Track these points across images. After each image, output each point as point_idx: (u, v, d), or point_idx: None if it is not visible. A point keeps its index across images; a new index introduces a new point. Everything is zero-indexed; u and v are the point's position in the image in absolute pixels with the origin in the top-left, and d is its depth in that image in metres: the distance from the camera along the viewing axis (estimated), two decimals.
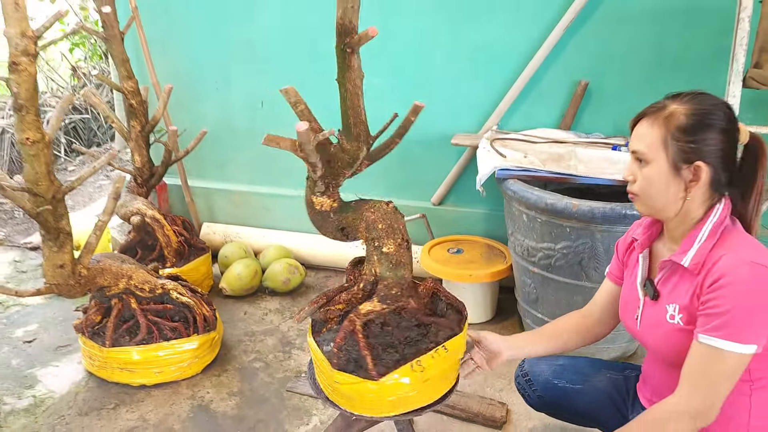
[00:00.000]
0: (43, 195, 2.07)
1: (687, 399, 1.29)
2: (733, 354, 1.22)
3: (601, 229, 2.23)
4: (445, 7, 2.94)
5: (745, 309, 1.21)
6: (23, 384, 2.45)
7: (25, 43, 1.94)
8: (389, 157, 3.27)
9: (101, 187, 5.02)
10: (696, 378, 1.28)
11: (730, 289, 1.22)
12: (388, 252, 1.60)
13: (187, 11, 3.36)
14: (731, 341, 1.22)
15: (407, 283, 1.63)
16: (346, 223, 1.68)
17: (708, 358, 1.25)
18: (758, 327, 1.22)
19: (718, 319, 1.23)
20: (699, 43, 2.65)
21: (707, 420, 1.28)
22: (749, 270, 1.22)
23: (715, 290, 1.25)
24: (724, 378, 1.25)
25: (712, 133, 1.28)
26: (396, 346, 1.59)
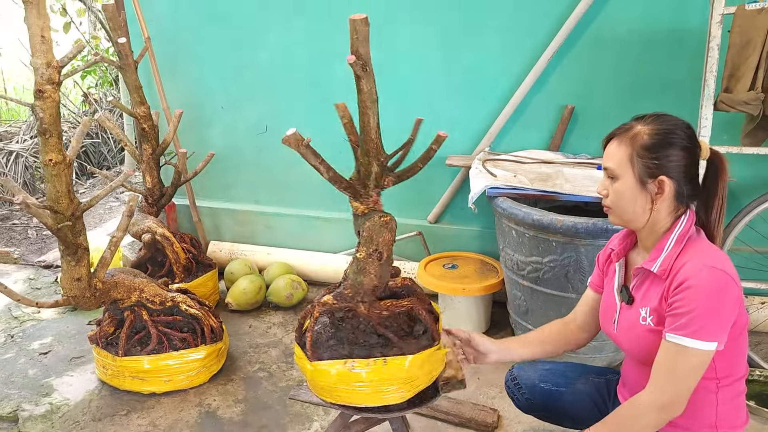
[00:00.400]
0: (63, 212, 2.23)
1: (657, 393, 1.40)
2: (697, 350, 1.34)
3: (584, 243, 2.37)
4: (440, 36, 3.12)
5: (706, 309, 1.34)
6: (40, 392, 2.59)
7: (50, 72, 2.12)
8: None
9: (111, 208, 5.19)
10: (664, 373, 1.39)
11: (692, 291, 1.35)
12: (358, 257, 1.71)
13: (195, 40, 3.56)
14: (695, 339, 1.34)
15: (363, 290, 1.71)
16: (358, 227, 1.78)
17: (675, 354, 1.37)
18: (718, 325, 1.34)
19: (683, 319, 1.35)
20: (677, 68, 2.82)
21: (675, 412, 1.39)
22: (708, 274, 1.35)
23: (679, 293, 1.37)
24: (689, 373, 1.37)
25: (674, 150, 1.43)
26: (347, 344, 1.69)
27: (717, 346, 1.35)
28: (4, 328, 3.16)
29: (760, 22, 2.23)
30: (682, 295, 1.36)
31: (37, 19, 2.05)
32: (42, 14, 2.06)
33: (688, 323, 1.35)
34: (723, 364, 1.45)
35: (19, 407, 2.48)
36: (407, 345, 1.69)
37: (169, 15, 3.53)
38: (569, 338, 1.82)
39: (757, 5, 2.25)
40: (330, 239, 3.64)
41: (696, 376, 1.38)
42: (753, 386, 2.51)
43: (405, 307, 1.76)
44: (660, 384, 1.40)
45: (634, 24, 2.83)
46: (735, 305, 1.37)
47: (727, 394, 1.48)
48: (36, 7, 2.04)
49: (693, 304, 1.34)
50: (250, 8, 3.39)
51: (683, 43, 2.78)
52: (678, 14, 2.76)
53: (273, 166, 3.69)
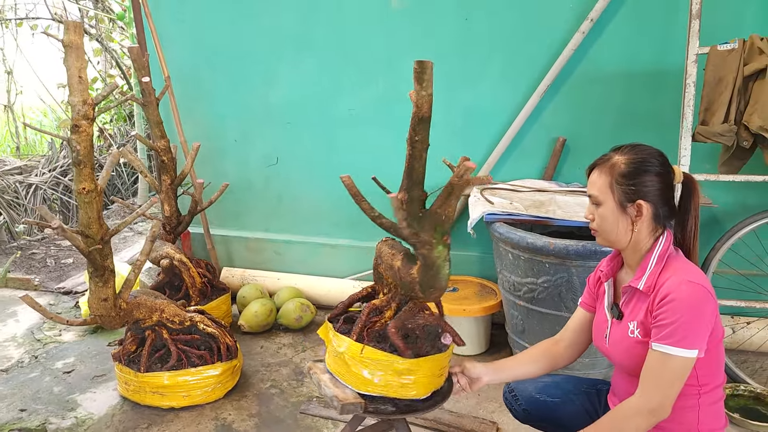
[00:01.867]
0: (93, 237, 2.42)
1: (645, 397, 1.54)
2: (680, 358, 1.49)
3: (576, 264, 2.55)
4: (441, 73, 3.33)
5: (687, 320, 1.48)
6: (65, 407, 2.75)
7: (85, 109, 2.33)
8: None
9: (125, 238, 5.38)
10: (651, 379, 1.53)
11: (675, 304, 1.50)
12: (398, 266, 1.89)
13: (211, 79, 3.80)
14: (677, 347, 1.48)
15: None
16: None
17: (660, 362, 1.52)
18: (698, 334, 1.49)
19: (667, 329, 1.50)
20: (658, 102, 3.03)
21: (662, 415, 1.53)
22: (688, 288, 1.50)
23: (662, 306, 1.52)
24: (674, 378, 1.51)
25: (649, 176, 1.60)
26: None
27: (698, 353, 1.49)
28: (28, 349, 3.33)
29: (731, 61, 2.45)
30: (666, 308, 1.51)
31: (75, 61, 2.26)
32: (80, 57, 2.27)
33: (671, 333, 1.49)
34: (703, 372, 1.59)
35: (46, 421, 2.64)
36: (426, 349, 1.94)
37: (187, 56, 3.80)
38: (558, 356, 1.95)
39: (728, 46, 2.47)
40: (336, 265, 3.83)
41: (680, 381, 1.51)
42: (738, 400, 2.66)
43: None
44: (648, 389, 1.53)
45: (619, 63, 3.06)
46: (712, 316, 1.52)
47: (708, 400, 1.62)
48: (75, 51, 2.25)
49: (675, 315, 1.49)
50: (262, 48, 3.64)
51: (663, 80, 3.00)
52: (658, 54, 2.99)
53: (282, 195, 3.90)
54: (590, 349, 2.67)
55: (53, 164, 5.95)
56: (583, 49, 3.08)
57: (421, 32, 3.33)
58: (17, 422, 2.63)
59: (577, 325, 1.94)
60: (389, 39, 3.39)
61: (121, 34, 7.04)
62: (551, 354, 1.95)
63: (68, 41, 2.21)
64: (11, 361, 3.19)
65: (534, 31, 3.15)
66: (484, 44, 3.24)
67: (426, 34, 3.32)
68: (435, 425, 2.55)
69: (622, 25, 3.01)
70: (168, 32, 3.76)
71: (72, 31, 2.17)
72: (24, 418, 2.67)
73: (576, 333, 1.94)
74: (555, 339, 1.99)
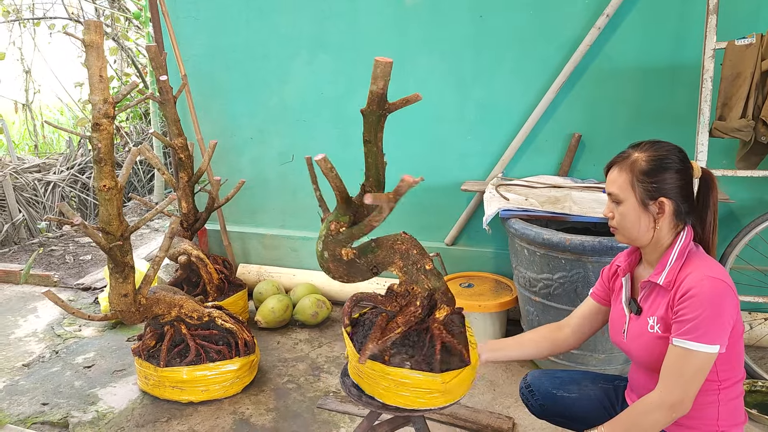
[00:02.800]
0: (113, 233, 2.46)
1: (665, 393, 1.54)
2: (701, 353, 1.49)
3: (591, 260, 2.55)
4: (455, 70, 3.36)
5: (708, 315, 1.49)
6: (87, 401, 2.79)
7: (106, 107, 2.36)
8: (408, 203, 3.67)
9: (142, 235, 5.45)
10: (672, 375, 1.53)
11: (696, 299, 1.50)
12: (430, 269, 1.88)
13: (227, 77, 3.84)
14: (699, 342, 1.49)
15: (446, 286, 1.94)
16: (377, 261, 1.88)
17: (681, 357, 1.52)
18: (719, 330, 1.49)
19: (688, 325, 1.50)
20: (677, 97, 3.02)
21: (682, 410, 1.53)
22: (710, 283, 1.50)
23: (684, 301, 1.53)
24: (695, 373, 1.51)
25: (669, 173, 1.60)
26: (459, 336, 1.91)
27: (719, 349, 1.49)
28: (48, 345, 3.38)
29: (749, 55, 2.44)
30: (687, 303, 1.51)
31: (96, 60, 2.30)
32: (100, 57, 2.31)
33: (692, 328, 1.49)
34: (723, 368, 1.59)
35: (68, 414, 2.69)
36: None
37: (203, 54, 3.83)
38: (560, 341, 1.96)
39: (745, 41, 2.45)
40: None
41: (701, 376, 1.51)
42: (756, 396, 2.65)
43: None
44: (668, 385, 1.54)
45: (635, 58, 3.05)
46: (733, 311, 1.52)
47: (728, 396, 1.62)
48: (96, 50, 2.29)
49: (697, 311, 1.49)
50: (278, 47, 3.67)
51: (680, 75, 2.99)
52: (674, 49, 2.97)
53: (298, 192, 3.93)
54: (606, 345, 2.70)
55: (71, 162, 6.03)
56: (599, 45, 3.07)
57: (435, 30, 3.33)
58: (40, 416, 2.68)
59: (585, 314, 1.95)
60: (403, 37, 3.41)
61: (136, 32, 7.10)
62: (553, 338, 1.97)
63: (89, 41, 2.24)
64: (33, 356, 3.25)
65: (549, 27, 3.14)
66: (499, 41, 3.24)
67: (440, 32, 3.33)
68: (452, 420, 2.56)
69: (638, 21, 3.00)
70: (184, 31, 3.81)
71: (93, 30, 2.20)
72: (46, 411, 2.72)
73: (582, 321, 1.95)
74: (559, 324, 2.00)
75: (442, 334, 1.84)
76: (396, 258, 1.88)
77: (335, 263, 1.85)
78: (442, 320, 1.87)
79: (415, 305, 1.87)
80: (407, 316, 1.87)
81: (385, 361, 1.82)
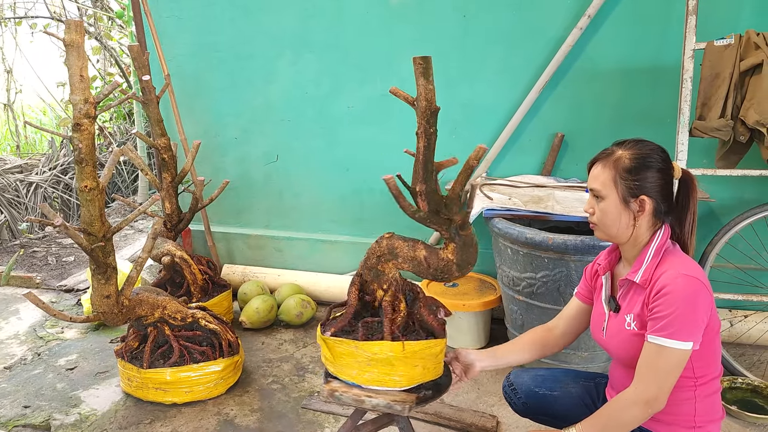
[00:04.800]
0: (95, 234, 2.43)
1: (641, 389, 1.55)
2: (675, 350, 1.51)
3: (574, 259, 2.57)
4: (440, 69, 3.35)
5: (682, 313, 1.51)
6: (69, 404, 2.77)
7: (87, 107, 2.34)
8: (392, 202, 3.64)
9: (126, 236, 5.40)
10: (647, 371, 1.55)
11: (670, 297, 1.52)
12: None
13: (212, 76, 3.82)
14: (673, 339, 1.50)
15: None
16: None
17: (656, 354, 1.54)
18: (693, 327, 1.51)
19: (662, 322, 1.52)
20: (659, 97, 3.05)
21: (658, 406, 1.55)
22: (683, 281, 1.53)
23: (658, 298, 1.55)
24: (669, 370, 1.53)
25: (651, 172, 1.62)
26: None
27: (693, 346, 1.51)
28: (30, 347, 3.35)
29: (727, 56, 2.47)
30: (661, 301, 1.53)
31: (76, 60, 2.27)
32: (81, 56, 2.28)
33: (666, 325, 1.51)
34: (699, 364, 1.61)
35: (50, 417, 2.66)
36: None
37: (186, 54, 3.81)
38: (551, 343, 1.98)
39: (724, 41, 2.49)
40: (336, 261, 3.86)
41: (676, 372, 1.54)
42: (736, 392, 2.68)
43: None
44: (644, 381, 1.55)
45: (616, 59, 3.08)
46: (707, 309, 1.54)
47: (704, 392, 1.65)
48: (76, 50, 2.26)
49: (671, 308, 1.51)
50: (262, 46, 3.66)
51: (661, 76, 3.02)
52: (655, 50, 3.01)
53: (282, 192, 3.92)
54: (589, 343, 2.72)
55: (53, 162, 5.97)
56: (581, 46, 3.10)
57: (420, 29, 3.34)
58: (21, 419, 2.66)
59: (571, 314, 1.97)
60: (388, 36, 3.41)
61: (119, 32, 7.05)
62: (543, 341, 1.99)
63: (69, 40, 2.22)
64: (14, 359, 3.21)
65: (532, 27, 3.16)
66: (483, 41, 3.26)
67: (424, 31, 3.34)
68: (436, 419, 2.57)
69: (620, 22, 3.03)
70: (167, 30, 3.78)
71: (73, 30, 2.18)
72: (28, 414, 2.69)
73: (569, 322, 1.97)
74: (548, 326, 2.02)
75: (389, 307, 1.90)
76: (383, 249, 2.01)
77: None
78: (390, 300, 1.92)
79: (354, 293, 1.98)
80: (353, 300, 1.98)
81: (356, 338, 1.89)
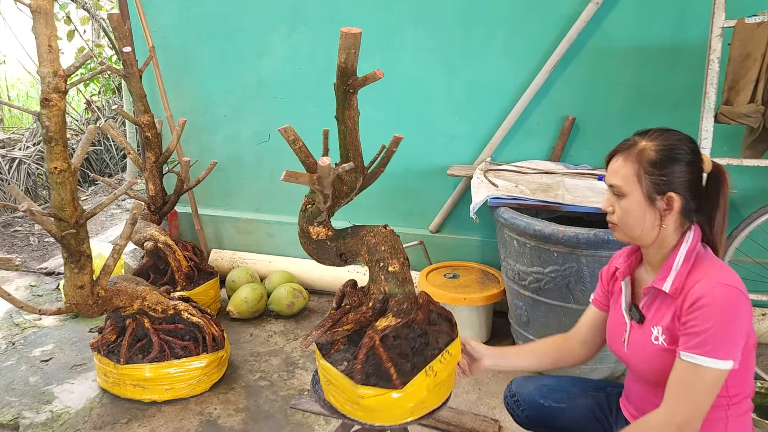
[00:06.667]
0: (67, 220, 2.24)
1: (672, 411, 1.38)
2: (713, 369, 1.32)
3: (586, 254, 2.38)
4: (442, 47, 3.15)
5: (721, 328, 1.32)
6: (41, 400, 2.59)
7: (56, 81, 2.13)
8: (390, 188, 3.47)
9: (113, 215, 5.20)
10: (680, 392, 1.37)
11: (707, 309, 1.33)
12: (393, 271, 1.69)
13: (199, 50, 3.58)
14: (710, 357, 1.32)
15: (414, 297, 1.74)
16: (345, 248, 1.76)
17: (690, 373, 1.35)
18: (732, 343, 1.33)
19: (698, 338, 1.34)
20: (676, 79, 2.83)
21: (690, 430, 1.37)
22: (722, 291, 1.33)
23: (693, 311, 1.36)
24: (705, 391, 1.35)
25: (680, 165, 1.42)
26: (407, 356, 1.70)
27: (733, 365, 1.33)
28: (5, 335, 3.16)
29: (760, 35, 2.25)
30: (697, 314, 1.35)
31: (44, 28, 2.06)
32: (50, 24, 2.07)
33: (703, 342, 1.33)
34: (733, 382, 1.43)
35: (19, 415, 2.48)
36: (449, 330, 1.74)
37: (173, 25, 3.57)
38: (568, 354, 1.81)
39: (756, 19, 2.27)
40: None
41: (712, 394, 1.36)
42: (754, 398, 2.50)
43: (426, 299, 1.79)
44: (676, 403, 1.38)
45: (634, 36, 2.85)
46: (748, 322, 1.36)
47: (737, 411, 1.47)
48: (44, 17, 2.05)
49: (708, 322, 1.33)
50: (254, 19, 3.42)
51: (682, 55, 2.80)
52: (676, 28, 2.78)
53: (275, 174, 3.71)
54: None
55: (38, 137, 5.73)
56: (596, 22, 2.87)
57: (421, 3, 3.10)
58: None
59: (590, 323, 1.79)
60: (386, 11, 3.17)
61: (110, 1, 6.75)
62: (560, 350, 1.82)
63: (36, 6, 2.02)
64: None
65: (543, 2, 2.92)
66: (488, 15, 3.02)
67: (426, 6, 3.10)
68: (433, 423, 2.40)
69: None
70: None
71: None
72: None
73: (589, 331, 1.79)
74: (566, 335, 1.84)
75: (375, 345, 1.65)
76: (363, 250, 1.73)
77: (304, 240, 1.78)
78: (382, 329, 1.67)
79: (367, 305, 1.73)
80: (358, 314, 1.74)
81: (327, 354, 1.72)
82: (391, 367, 1.62)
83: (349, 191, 1.71)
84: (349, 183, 1.69)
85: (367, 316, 1.74)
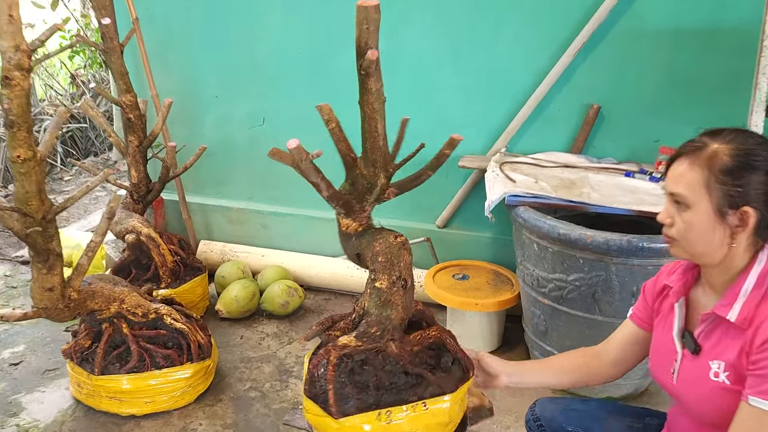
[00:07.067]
0: (32, 215, 1.97)
1: None
2: None
3: (616, 262, 2.13)
4: (454, 27, 2.86)
5: None
6: (7, 411, 2.34)
7: (18, 57, 1.86)
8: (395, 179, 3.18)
9: (97, 198, 4.92)
10: None
11: None
12: (380, 287, 1.51)
13: (188, 24, 3.28)
14: None
15: (392, 325, 1.52)
16: (360, 249, 1.61)
17: (759, 422, 1.15)
18: None
19: None
20: (715, 65, 2.57)
21: None
22: None
23: (766, 350, 1.15)
24: None
25: (758, 175, 1.18)
26: (372, 390, 1.50)
27: None
28: None
29: None
30: None
31: None
32: None
33: None
34: None
35: None
36: (444, 381, 1.50)
37: None
38: (595, 372, 1.61)
39: None
40: (330, 242, 3.37)
41: None
42: None
43: (433, 337, 1.55)
44: None
45: (669, 17, 2.57)
46: None
47: None
48: None
49: None
50: None
51: (722, 39, 2.53)
52: (718, 8, 2.50)
53: (270, 161, 3.40)
54: None
55: None
56: (628, 1, 2.59)
57: None
58: None
59: (626, 341, 1.57)
60: None
61: None
62: (589, 368, 1.61)
63: None
64: None
65: None
66: None
67: None
68: None
69: None
70: None
71: None
72: None
73: (623, 351, 1.57)
74: (596, 351, 1.62)
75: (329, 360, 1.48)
76: (368, 256, 1.57)
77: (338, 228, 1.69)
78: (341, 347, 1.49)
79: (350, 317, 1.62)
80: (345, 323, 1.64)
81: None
82: (330, 390, 1.45)
83: (370, 187, 1.52)
84: (367, 177, 1.48)
85: (348, 328, 1.62)
